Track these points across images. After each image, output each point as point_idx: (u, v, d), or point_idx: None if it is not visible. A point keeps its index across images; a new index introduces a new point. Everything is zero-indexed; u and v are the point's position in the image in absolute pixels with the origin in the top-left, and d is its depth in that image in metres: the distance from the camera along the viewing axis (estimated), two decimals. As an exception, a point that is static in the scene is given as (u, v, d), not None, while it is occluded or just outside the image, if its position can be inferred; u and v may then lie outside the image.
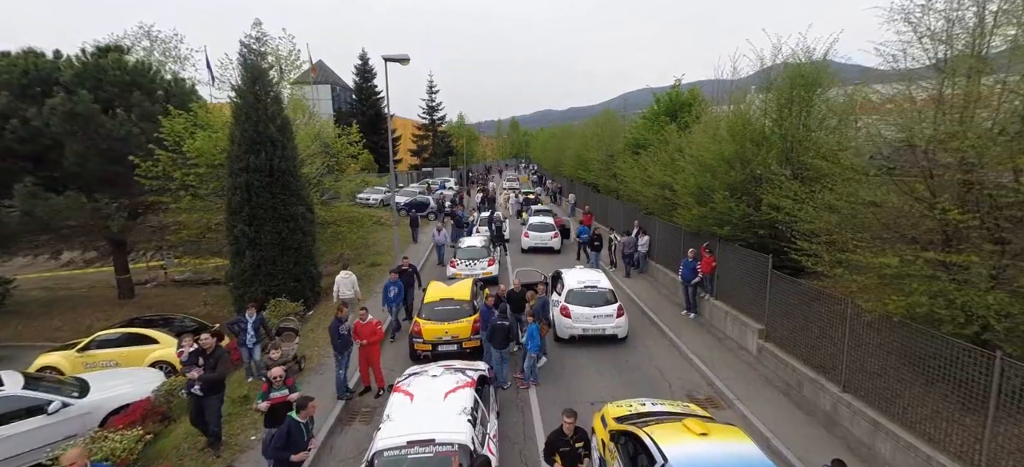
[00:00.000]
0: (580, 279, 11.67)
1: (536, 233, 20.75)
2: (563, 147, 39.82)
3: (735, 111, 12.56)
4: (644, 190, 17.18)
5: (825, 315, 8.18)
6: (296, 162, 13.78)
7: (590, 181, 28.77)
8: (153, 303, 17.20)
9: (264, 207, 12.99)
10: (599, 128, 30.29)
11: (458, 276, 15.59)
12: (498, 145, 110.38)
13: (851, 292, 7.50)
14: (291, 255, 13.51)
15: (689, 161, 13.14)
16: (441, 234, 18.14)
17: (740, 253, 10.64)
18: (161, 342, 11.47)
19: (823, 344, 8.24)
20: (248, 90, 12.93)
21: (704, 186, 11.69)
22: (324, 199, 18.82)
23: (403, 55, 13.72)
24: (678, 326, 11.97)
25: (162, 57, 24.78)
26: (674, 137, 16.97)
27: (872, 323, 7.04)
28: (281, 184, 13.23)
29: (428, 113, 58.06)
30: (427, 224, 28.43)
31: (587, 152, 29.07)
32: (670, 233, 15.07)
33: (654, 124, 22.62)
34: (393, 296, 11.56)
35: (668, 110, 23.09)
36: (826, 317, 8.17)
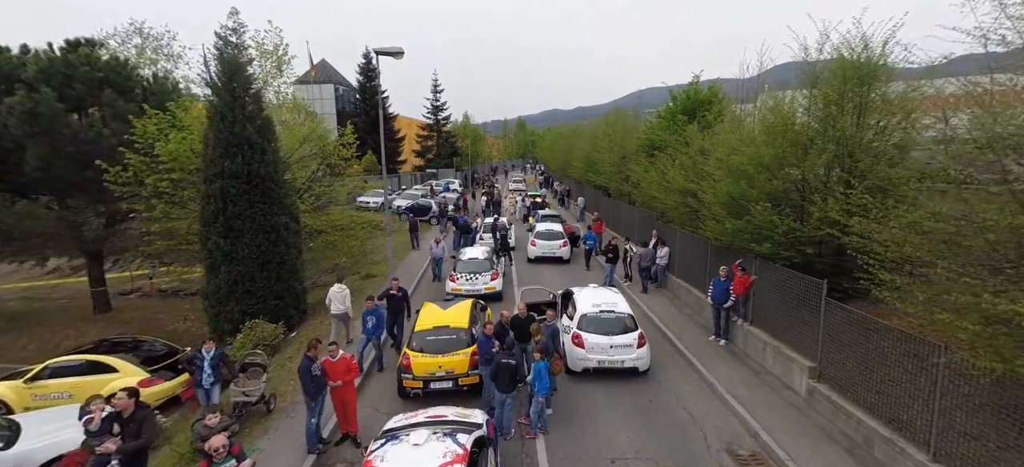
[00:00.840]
0: (595, 302, 10.20)
1: (544, 242, 19.28)
2: (572, 148, 38.28)
3: (771, 109, 11.02)
4: (663, 197, 15.65)
5: (901, 357, 6.66)
6: (278, 167, 12.46)
7: (600, 184, 27.23)
8: (131, 318, 15.99)
9: (241, 217, 11.67)
10: (610, 128, 28.74)
11: (458, 291, 14.20)
12: (504, 145, 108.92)
13: (929, 327, 6.02)
14: (272, 270, 12.18)
15: (718, 166, 11.61)
16: (439, 247, 16.53)
17: (783, 274, 9.11)
18: (122, 372, 10.15)
19: (894, 391, 6.73)
20: (223, 87, 11.62)
21: (738, 196, 10.16)
22: (317, 205, 17.52)
23: (396, 49, 12.35)
24: (707, 355, 10.45)
25: (153, 54, 23.67)
26: (697, 138, 15.43)
27: (971, 372, 5.54)
28: (261, 192, 11.91)
29: (432, 113, 56.81)
30: (428, 229, 27.08)
31: (597, 153, 27.54)
32: (693, 245, 13.54)
33: (671, 124, 21.07)
34: (372, 327, 9.74)
35: (686, 108, 21.52)
36: (901, 359, 6.66)
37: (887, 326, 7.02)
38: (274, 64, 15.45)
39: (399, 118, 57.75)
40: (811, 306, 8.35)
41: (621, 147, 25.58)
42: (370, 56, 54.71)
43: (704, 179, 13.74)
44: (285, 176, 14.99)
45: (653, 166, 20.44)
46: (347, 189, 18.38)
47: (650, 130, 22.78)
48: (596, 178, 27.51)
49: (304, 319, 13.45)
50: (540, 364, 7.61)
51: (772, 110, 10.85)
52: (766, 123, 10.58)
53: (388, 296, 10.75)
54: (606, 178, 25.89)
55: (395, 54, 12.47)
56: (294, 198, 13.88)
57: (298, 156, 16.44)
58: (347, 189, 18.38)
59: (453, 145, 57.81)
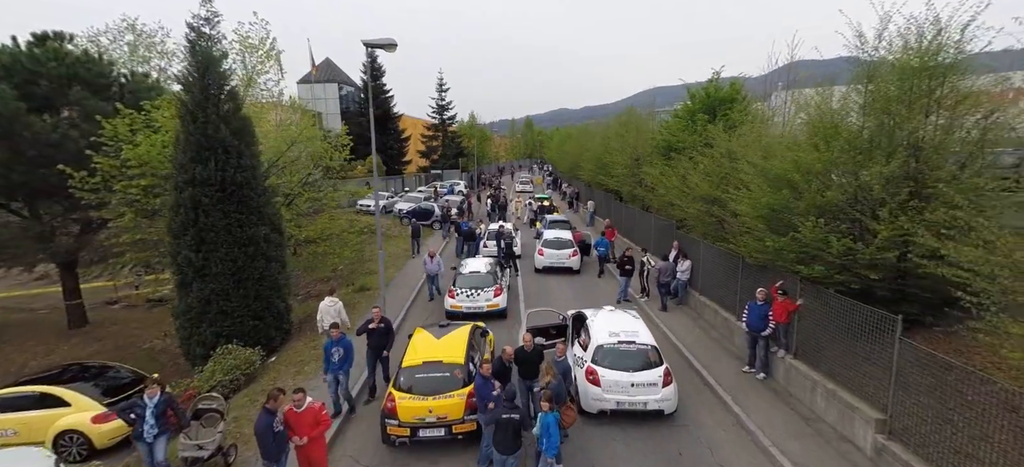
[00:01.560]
0: (612, 330, 8.80)
1: (552, 251, 17.90)
2: (581, 148, 36.81)
3: (816, 106, 9.55)
4: (683, 205, 14.18)
5: (1000, 413, 5.24)
6: (258, 173, 11.22)
7: (612, 188, 25.77)
8: (107, 333, 14.89)
9: (214, 229, 10.45)
10: (622, 127, 27.27)
11: (458, 309, 12.89)
12: (512, 145, 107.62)
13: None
14: (250, 286, 10.95)
15: (753, 173, 10.15)
16: (434, 262, 14.89)
17: (840, 304, 7.66)
18: (74, 406, 8.98)
19: (990, 456, 5.32)
20: (195, 84, 10.40)
21: (779, 207, 8.71)
22: (311, 210, 16.32)
23: (388, 40, 11.05)
24: (743, 393, 9.02)
25: (147, 52, 22.68)
26: (722, 140, 13.95)
27: None
28: (237, 200, 10.68)
29: (438, 112, 55.59)
30: (431, 234, 25.83)
31: (608, 155, 26.08)
32: (720, 260, 12.09)
33: (690, 124, 19.59)
34: (338, 361, 8.07)
35: (705, 107, 20.00)
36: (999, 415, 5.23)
37: (985, 376, 5.59)
38: (260, 59, 14.25)
39: (404, 118, 56.62)
40: (878, 343, 6.91)
41: (634, 148, 24.10)
42: (374, 54, 53.62)
43: (734, 186, 12.30)
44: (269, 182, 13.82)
45: (671, 170, 18.98)
46: (346, 192, 17.07)
47: (666, 130, 21.30)
48: (607, 181, 26.06)
49: (288, 339, 12.23)
50: (548, 417, 6.25)
51: (817, 107, 9.38)
52: (813, 123, 9.10)
53: (368, 331, 8.96)
54: (618, 181, 24.43)
55: (387, 46, 11.17)
56: (277, 207, 12.65)
57: (288, 159, 15.25)
58: (346, 192, 17.07)
59: (459, 145, 56.57)
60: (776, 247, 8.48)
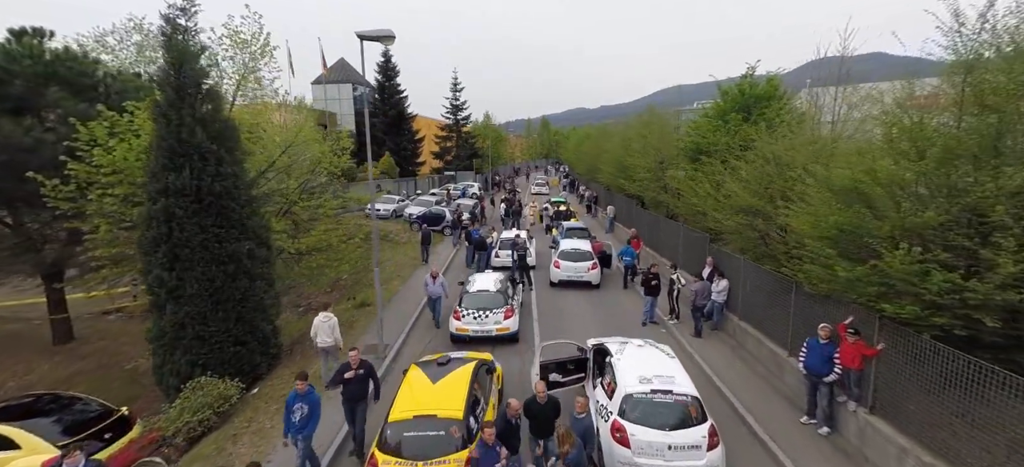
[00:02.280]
0: (642, 373, 7.30)
1: (570, 263, 16.39)
2: (599, 150, 35.12)
3: (898, 104, 7.86)
4: (721, 217, 12.52)
5: None
6: (241, 181, 10.04)
7: (633, 193, 24.08)
8: (93, 350, 14.00)
9: (190, 244, 9.31)
10: (644, 128, 25.57)
11: (464, 332, 11.53)
12: (528, 145, 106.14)
13: None
14: (230, 308, 9.78)
15: (812, 183, 8.51)
16: (437, 283, 12.74)
17: (946, 356, 6.01)
18: (25, 448, 7.93)
19: None
20: (167, 82, 9.27)
21: (852, 227, 7.07)
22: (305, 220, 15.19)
23: (385, 32, 9.75)
24: (804, 452, 7.41)
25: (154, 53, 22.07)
26: (765, 143, 12.25)
27: None
28: (215, 212, 9.52)
29: (452, 112, 54.49)
30: (441, 241, 24.58)
31: (630, 157, 24.41)
32: (765, 282, 10.43)
33: (721, 124, 17.86)
34: (298, 423, 6.53)
35: (739, 105, 18.24)
36: None
37: None
38: (253, 56, 13.14)
39: (418, 118, 55.72)
40: (996, 408, 5.27)
41: (658, 150, 22.42)
42: (389, 54, 52.85)
43: (781, 196, 10.64)
44: (262, 189, 12.70)
45: (701, 174, 17.29)
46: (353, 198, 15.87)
47: (694, 131, 19.57)
48: (628, 185, 24.37)
49: (277, 364, 11.04)
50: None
51: (899, 104, 7.69)
52: (893, 124, 7.42)
53: (343, 381, 7.25)
54: (640, 186, 22.77)
55: (384, 39, 9.87)
56: (267, 218, 11.48)
57: (284, 163, 14.12)
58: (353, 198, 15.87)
59: (473, 146, 55.37)
60: (850, 277, 6.84)
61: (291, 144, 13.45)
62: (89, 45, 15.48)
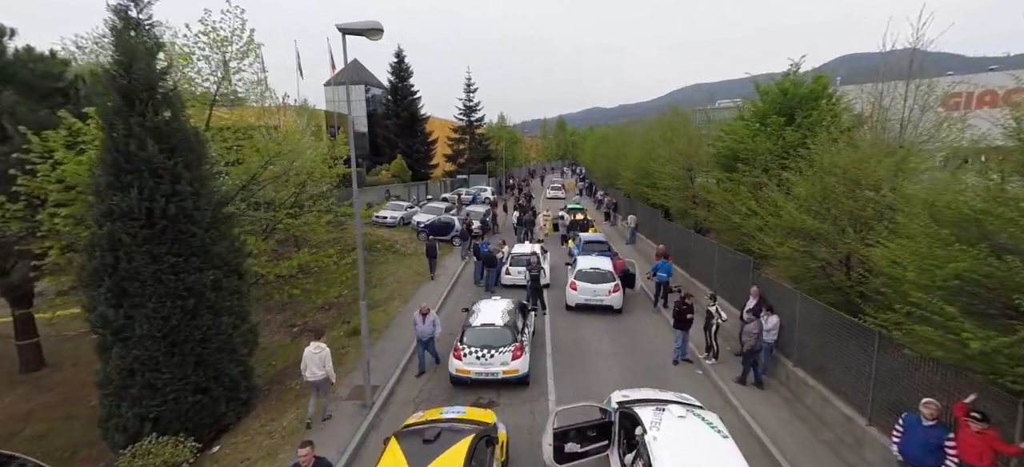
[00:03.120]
0: (686, 461, 5.53)
1: (588, 284, 14.59)
2: (619, 153, 33.12)
3: None
4: (770, 240, 10.59)
5: None
6: (204, 201, 8.58)
7: (657, 202, 22.09)
8: (64, 378, 12.81)
9: (139, 277, 7.89)
10: (669, 130, 23.60)
11: (466, 374, 9.89)
12: (544, 146, 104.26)
13: None
14: (189, 351, 8.33)
15: (907, 207, 6.61)
16: (427, 322, 10.57)
17: None
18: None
19: None
20: (116, 85, 7.86)
21: (982, 278, 5.18)
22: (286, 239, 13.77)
23: (371, 24, 8.18)
24: None
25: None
26: (824, 151, 10.28)
27: None
28: (171, 238, 8.08)
29: (465, 114, 53.02)
30: (450, 252, 23.01)
31: (653, 162, 22.45)
32: (833, 326, 8.51)
33: (762, 128, 15.84)
34: None
35: (781, 107, 16.20)
36: None
37: None
38: (236, 55, 11.74)
39: (432, 120, 54.46)
40: None
41: (685, 156, 20.44)
42: (402, 55, 51.78)
43: (852, 219, 8.73)
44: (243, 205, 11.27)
45: (739, 185, 15.32)
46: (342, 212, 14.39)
47: (729, 135, 17.56)
48: (652, 194, 22.37)
49: (248, 412, 9.55)
50: None
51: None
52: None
53: None
54: (666, 195, 20.81)
55: (369, 32, 8.29)
56: (242, 241, 10.03)
57: (271, 175, 12.71)
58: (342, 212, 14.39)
59: (486, 148, 53.79)
60: (986, 349, 4.94)
61: (275, 155, 12.00)
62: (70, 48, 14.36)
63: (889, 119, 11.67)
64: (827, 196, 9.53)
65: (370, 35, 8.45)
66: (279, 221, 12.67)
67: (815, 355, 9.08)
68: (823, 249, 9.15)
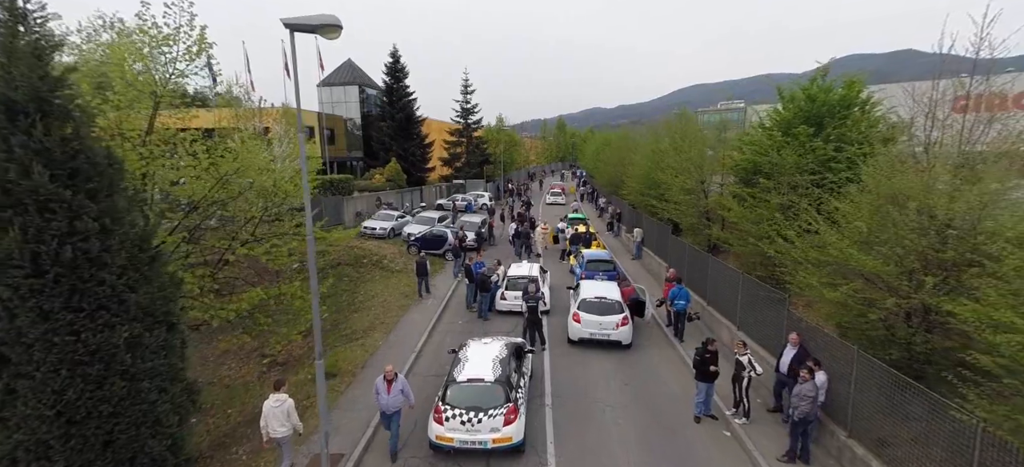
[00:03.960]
0: None
1: (593, 317, 12.87)
2: (623, 160, 31.43)
3: None
4: (816, 283, 8.84)
5: None
6: (118, 238, 6.83)
7: (668, 216, 20.35)
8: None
9: (24, 339, 6.15)
10: (678, 137, 21.94)
11: (449, 443, 8.18)
12: (544, 148, 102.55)
13: None
14: (94, 430, 6.58)
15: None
16: (392, 392, 8.14)
17: None
18: None
19: None
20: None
21: None
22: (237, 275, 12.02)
23: (326, 19, 6.44)
24: None
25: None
26: (886, 177, 8.52)
27: None
28: (68, 288, 6.34)
29: (462, 116, 51.30)
30: (441, 269, 21.25)
31: (661, 173, 20.76)
32: (897, 394, 6.79)
33: (786, 140, 14.18)
34: None
35: (807, 115, 14.55)
36: None
37: None
38: (183, 57, 10.01)
39: (429, 121, 52.70)
40: None
41: (698, 167, 18.74)
42: (398, 55, 50.04)
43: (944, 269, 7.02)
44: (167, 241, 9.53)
45: (761, 204, 13.65)
46: (288, 247, 12.56)
47: (749, 147, 15.85)
48: (661, 207, 20.59)
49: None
50: None
51: None
52: None
53: None
54: (676, 210, 19.09)
55: (323, 29, 6.56)
56: (178, 278, 8.29)
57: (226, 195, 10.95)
58: (288, 247, 12.56)
59: (484, 152, 52.03)
60: None
61: (222, 180, 10.17)
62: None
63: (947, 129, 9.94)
64: (889, 230, 7.82)
65: (325, 32, 6.74)
66: (231, 252, 10.91)
67: (877, 427, 7.36)
68: (891, 298, 7.42)
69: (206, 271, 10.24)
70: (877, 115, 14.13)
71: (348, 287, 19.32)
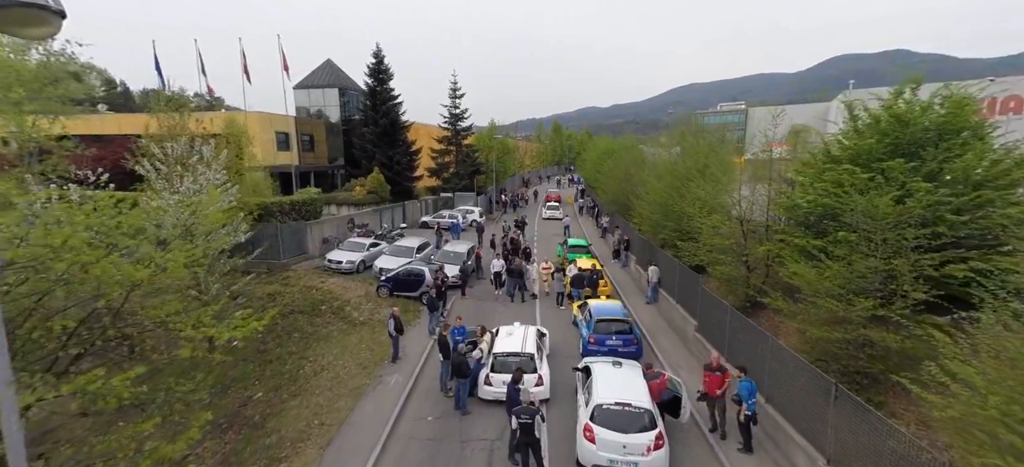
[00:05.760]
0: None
1: (613, 435, 8.97)
2: (630, 177, 27.57)
3: None
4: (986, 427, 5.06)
5: None
6: None
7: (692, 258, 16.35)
8: None
9: None
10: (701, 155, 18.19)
11: None
12: (539, 151, 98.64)
13: None
14: None
15: None
16: None
17: None
18: None
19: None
20: None
21: None
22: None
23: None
24: None
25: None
26: None
27: None
28: None
29: (451, 122, 47.32)
30: (416, 320, 17.30)
31: (685, 203, 16.94)
32: None
33: (870, 176, 10.42)
34: None
35: (895, 143, 10.86)
36: None
37: None
38: None
39: (416, 126, 48.71)
40: None
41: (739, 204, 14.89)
42: (381, 55, 45.94)
43: None
44: None
45: (841, 265, 9.93)
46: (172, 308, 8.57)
47: (815, 183, 12.01)
48: (687, 250, 16.51)
49: None
50: None
51: None
52: None
53: None
54: (708, 254, 15.20)
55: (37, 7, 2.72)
56: None
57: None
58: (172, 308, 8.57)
59: (475, 161, 48.07)
60: None
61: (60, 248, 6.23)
62: None
63: None
64: None
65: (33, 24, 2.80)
66: (97, 337, 7.00)
67: None
68: None
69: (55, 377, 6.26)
70: (991, 140, 10.49)
71: (296, 348, 15.40)
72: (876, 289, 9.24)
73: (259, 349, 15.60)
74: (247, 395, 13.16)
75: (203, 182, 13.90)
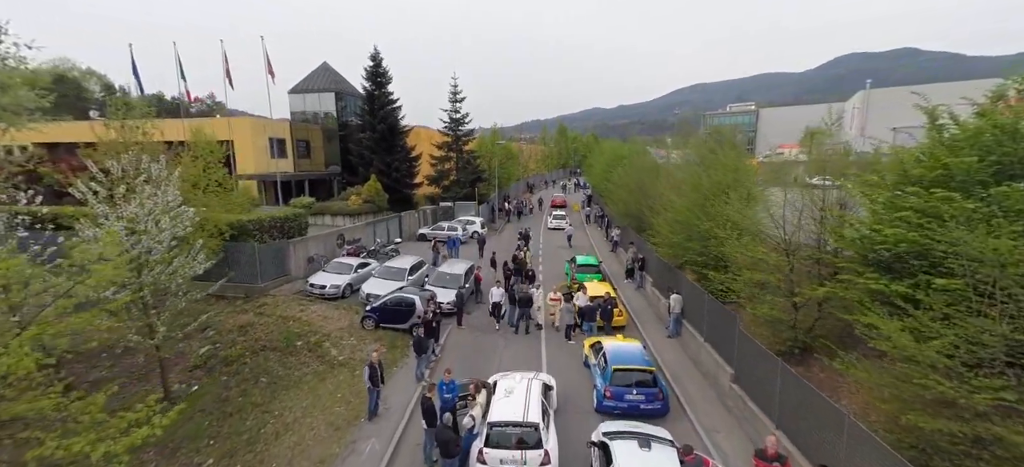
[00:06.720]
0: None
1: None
2: (643, 187, 25.18)
3: None
4: None
5: None
6: None
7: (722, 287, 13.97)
8: None
9: None
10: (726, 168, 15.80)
11: None
12: (544, 153, 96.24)
13: None
14: None
15: None
16: None
17: None
18: None
19: None
20: None
21: None
22: None
23: None
24: None
25: None
26: None
27: None
28: None
29: (451, 127, 45.15)
30: (403, 359, 15.04)
31: (715, 224, 14.56)
32: None
33: (977, 208, 7.96)
34: None
35: (999, 161, 8.40)
36: None
37: None
38: None
39: (417, 131, 46.63)
40: None
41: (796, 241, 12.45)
42: (379, 58, 43.81)
43: None
44: None
45: (940, 324, 7.52)
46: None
47: (894, 213, 9.55)
48: (720, 282, 14.02)
49: None
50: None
51: None
52: None
53: None
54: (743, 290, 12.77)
55: None
56: None
57: None
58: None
59: (476, 168, 45.83)
60: None
61: None
62: None
63: None
64: None
65: None
66: None
67: None
68: None
69: None
70: None
71: (260, 398, 13.17)
72: (1003, 361, 6.85)
73: (222, 396, 13.42)
74: (196, 463, 10.98)
75: (151, 206, 11.75)
